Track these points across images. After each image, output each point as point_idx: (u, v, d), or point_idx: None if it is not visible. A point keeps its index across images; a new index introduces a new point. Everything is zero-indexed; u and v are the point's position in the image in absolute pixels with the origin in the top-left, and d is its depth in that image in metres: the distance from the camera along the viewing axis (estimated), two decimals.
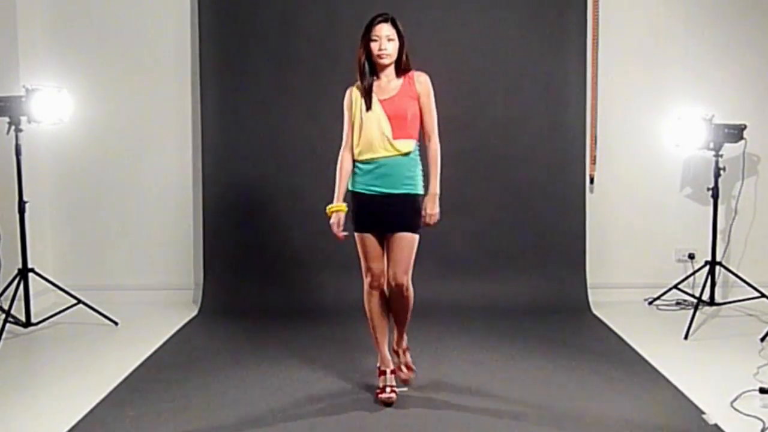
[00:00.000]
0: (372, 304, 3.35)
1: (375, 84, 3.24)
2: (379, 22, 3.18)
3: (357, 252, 3.32)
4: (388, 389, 3.31)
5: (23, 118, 4.30)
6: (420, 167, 3.29)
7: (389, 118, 3.19)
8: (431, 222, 3.27)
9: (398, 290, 3.28)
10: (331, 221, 3.29)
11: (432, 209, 3.26)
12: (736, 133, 4.64)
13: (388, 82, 3.25)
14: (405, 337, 3.51)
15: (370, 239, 3.27)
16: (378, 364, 3.44)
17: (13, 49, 4.69)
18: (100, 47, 5.05)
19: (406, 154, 3.21)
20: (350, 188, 3.30)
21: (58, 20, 5.02)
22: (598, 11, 5.01)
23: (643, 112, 5.11)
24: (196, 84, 5.04)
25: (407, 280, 3.27)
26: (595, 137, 5.10)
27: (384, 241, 3.28)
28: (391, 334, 3.48)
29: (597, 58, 5.04)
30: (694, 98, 5.00)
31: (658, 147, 5.07)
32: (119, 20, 5.04)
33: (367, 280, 3.32)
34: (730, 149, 4.77)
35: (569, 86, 5.01)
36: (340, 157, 3.32)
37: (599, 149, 5.11)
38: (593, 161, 5.11)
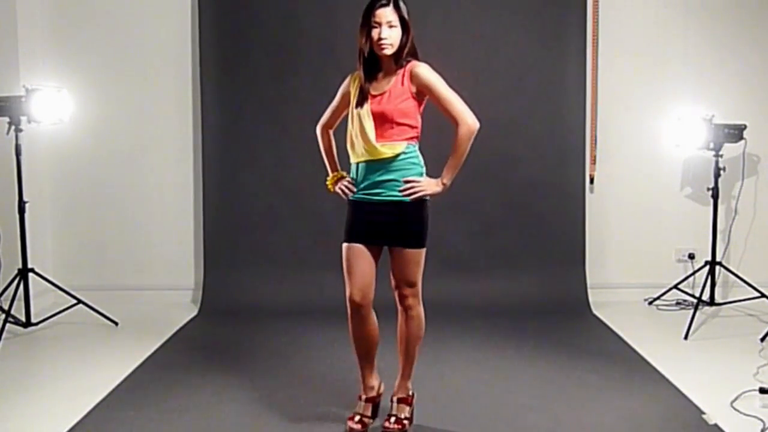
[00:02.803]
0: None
1: (378, 75, 2.88)
2: (380, 6, 2.77)
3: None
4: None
5: (23, 118, 4.30)
6: (421, 169, 2.91)
7: (373, 117, 2.82)
8: (410, 192, 2.84)
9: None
10: (337, 189, 2.99)
11: (427, 188, 2.86)
12: (736, 133, 4.65)
13: (384, 76, 2.87)
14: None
15: (358, 250, 2.87)
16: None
17: (13, 49, 4.68)
18: (101, 47, 5.05)
19: (394, 157, 2.83)
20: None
21: (58, 20, 5.02)
22: (598, 11, 5.02)
23: (643, 112, 5.11)
24: (196, 84, 5.04)
25: (412, 295, 2.92)
26: (595, 137, 5.10)
27: (378, 255, 2.92)
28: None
29: (597, 58, 5.04)
30: (694, 98, 5.01)
31: (658, 147, 5.08)
32: (120, 20, 5.04)
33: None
34: (730, 149, 4.77)
35: (569, 86, 5.01)
36: (318, 132, 3.12)
37: (599, 149, 5.11)
38: (593, 161, 5.11)
